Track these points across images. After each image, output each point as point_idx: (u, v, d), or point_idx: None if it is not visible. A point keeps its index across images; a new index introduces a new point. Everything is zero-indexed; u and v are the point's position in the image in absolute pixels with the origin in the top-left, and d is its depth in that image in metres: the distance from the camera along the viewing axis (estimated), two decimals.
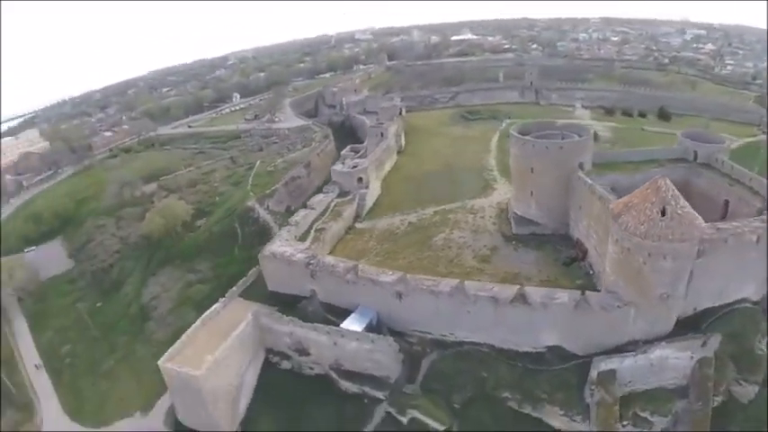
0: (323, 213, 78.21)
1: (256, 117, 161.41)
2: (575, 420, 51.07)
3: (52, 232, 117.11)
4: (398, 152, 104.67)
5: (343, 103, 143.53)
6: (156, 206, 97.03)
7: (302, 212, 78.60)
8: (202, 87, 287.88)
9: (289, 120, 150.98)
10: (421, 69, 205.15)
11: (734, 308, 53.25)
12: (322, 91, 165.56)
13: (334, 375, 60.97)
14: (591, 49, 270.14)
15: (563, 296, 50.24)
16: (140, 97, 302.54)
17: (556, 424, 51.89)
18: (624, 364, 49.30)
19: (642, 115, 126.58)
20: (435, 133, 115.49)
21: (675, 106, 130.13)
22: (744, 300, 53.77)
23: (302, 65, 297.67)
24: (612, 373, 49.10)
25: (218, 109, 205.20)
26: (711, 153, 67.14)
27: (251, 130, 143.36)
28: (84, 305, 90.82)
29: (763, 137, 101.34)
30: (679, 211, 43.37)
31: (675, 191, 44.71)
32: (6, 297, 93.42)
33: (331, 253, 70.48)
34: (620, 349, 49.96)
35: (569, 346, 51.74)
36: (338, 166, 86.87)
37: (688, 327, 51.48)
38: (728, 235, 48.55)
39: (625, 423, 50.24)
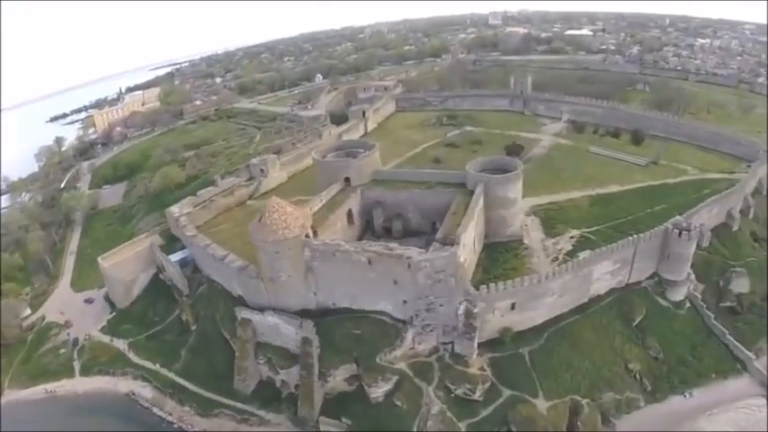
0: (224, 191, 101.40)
1: (300, 102, 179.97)
2: None
3: (123, 177, 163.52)
4: None
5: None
6: (159, 171, 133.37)
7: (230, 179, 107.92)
8: (317, 58, 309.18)
9: (321, 108, 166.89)
10: (482, 66, 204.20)
11: (367, 316, 65.58)
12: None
13: None
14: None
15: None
16: (248, 67, 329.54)
17: None
18: None
19: (615, 135, 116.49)
20: (395, 136, 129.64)
21: (660, 128, 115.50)
22: (382, 312, 65.21)
23: (407, 47, 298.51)
24: None
25: (292, 89, 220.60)
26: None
27: (285, 115, 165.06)
28: (111, 227, 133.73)
29: None
30: (267, 221, 62.73)
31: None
32: (78, 215, 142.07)
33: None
34: None
35: None
36: (254, 160, 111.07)
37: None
38: (334, 250, 62.79)
39: None
